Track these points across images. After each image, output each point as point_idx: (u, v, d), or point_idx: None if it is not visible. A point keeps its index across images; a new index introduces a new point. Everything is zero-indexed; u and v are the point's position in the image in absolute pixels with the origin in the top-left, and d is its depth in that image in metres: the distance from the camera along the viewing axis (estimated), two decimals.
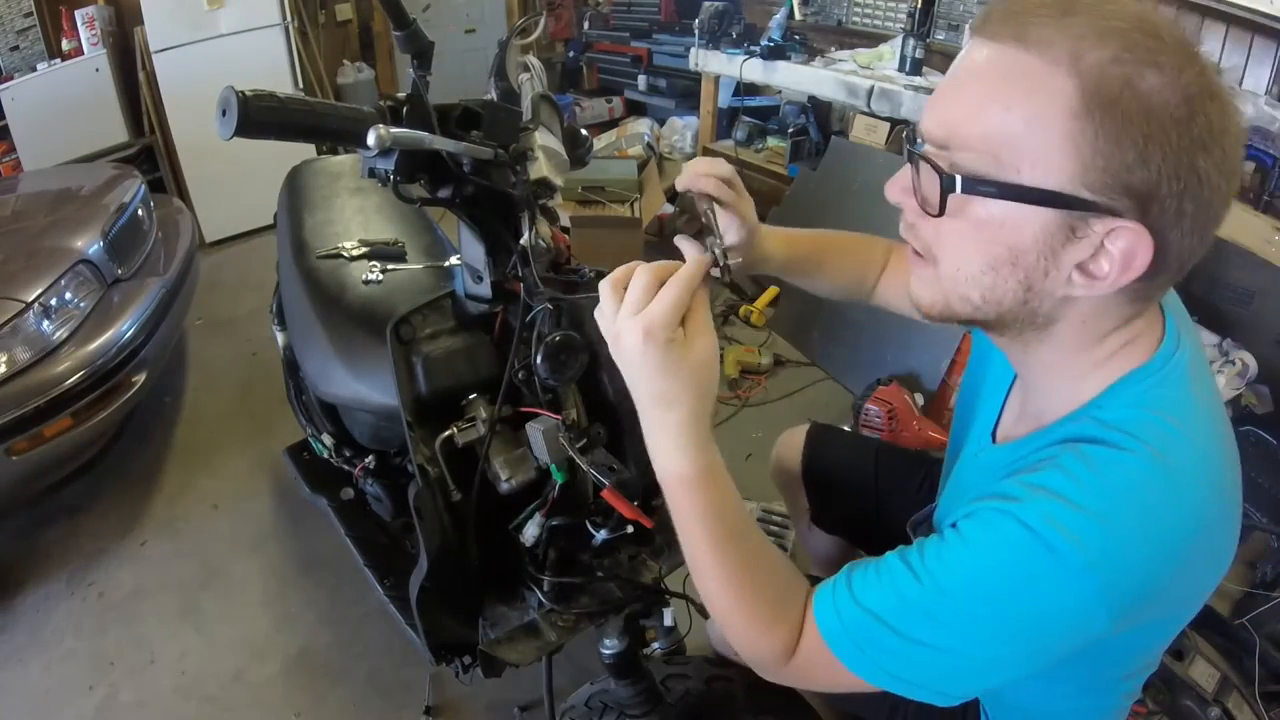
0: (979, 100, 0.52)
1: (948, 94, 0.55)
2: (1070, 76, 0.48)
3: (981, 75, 0.52)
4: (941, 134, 0.54)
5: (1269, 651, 1.53)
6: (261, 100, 0.67)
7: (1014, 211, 0.52)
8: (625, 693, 1.00)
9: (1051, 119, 0.49)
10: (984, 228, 0.54)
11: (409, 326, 0.96)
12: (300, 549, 1.91)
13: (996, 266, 0.54)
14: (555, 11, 4.64)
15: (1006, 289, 0.55)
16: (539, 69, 0.96)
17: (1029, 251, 0.53)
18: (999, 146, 0.51)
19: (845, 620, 0.61)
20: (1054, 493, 0.53)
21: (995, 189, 0.51)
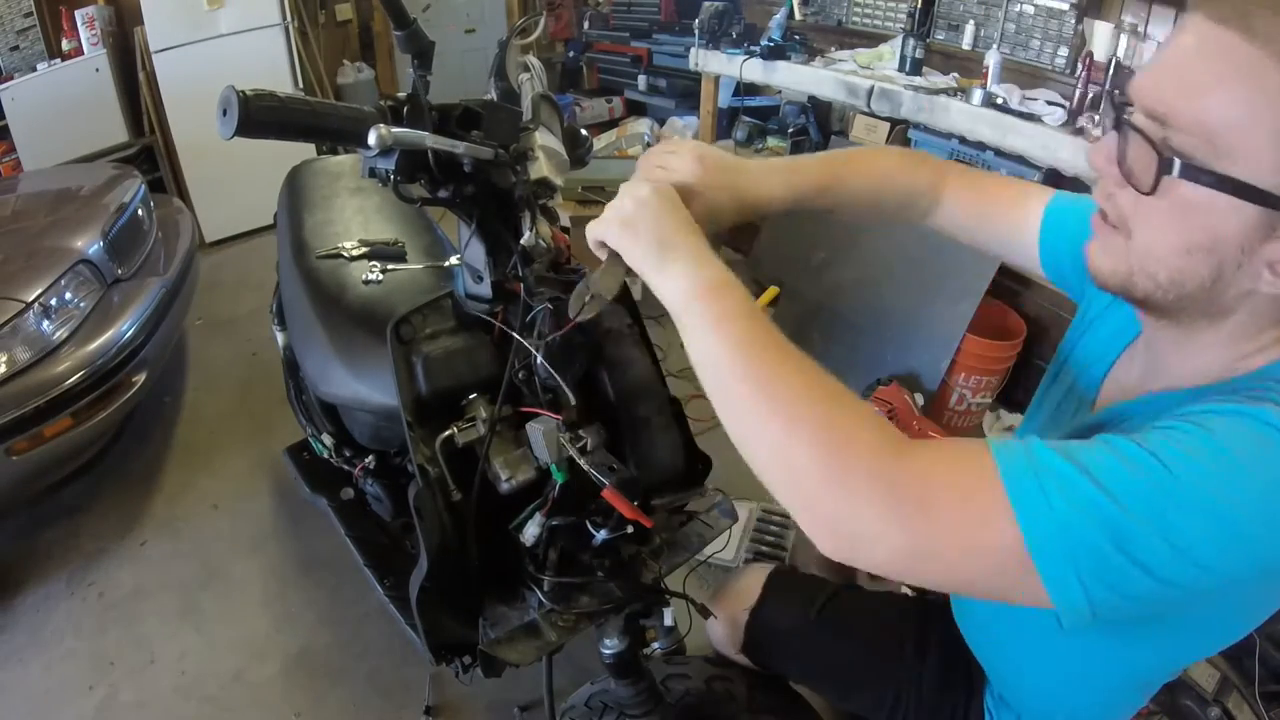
0: (1202, 83, 0.51)
1: (1168, 68, 0.53)
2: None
3: (1206, 58, 0.51)
4: (1160, 109, 0.53)
5: (1269, 651, 1.53)
6: (262, 100, 0.67)
7: (1221, 201, 0.51)
8: (625, 693, 1.00)
9: (1272, 115, 0.48)
10: (1189, 212, 0.53)
11: (409, 326, 0.96)
12: (300, 549, 1.91)
13: (1192, 250, 0.54)
14: (555, 11, 4.64)
15: (1196, 274, 0.54)
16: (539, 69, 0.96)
17: (1229, 242, 0.52)
18: (1217, 134, 0.50)
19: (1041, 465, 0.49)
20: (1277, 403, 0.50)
21: (1211, 179, 0.51)
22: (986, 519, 0.48)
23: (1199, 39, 0.51)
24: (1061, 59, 2.39)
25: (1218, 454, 0.48)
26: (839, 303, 2.64)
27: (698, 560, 1.06)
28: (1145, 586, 0.48)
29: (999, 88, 2.29)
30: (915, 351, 2.34)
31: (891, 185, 0.87)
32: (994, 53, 2.35)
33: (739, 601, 1.07)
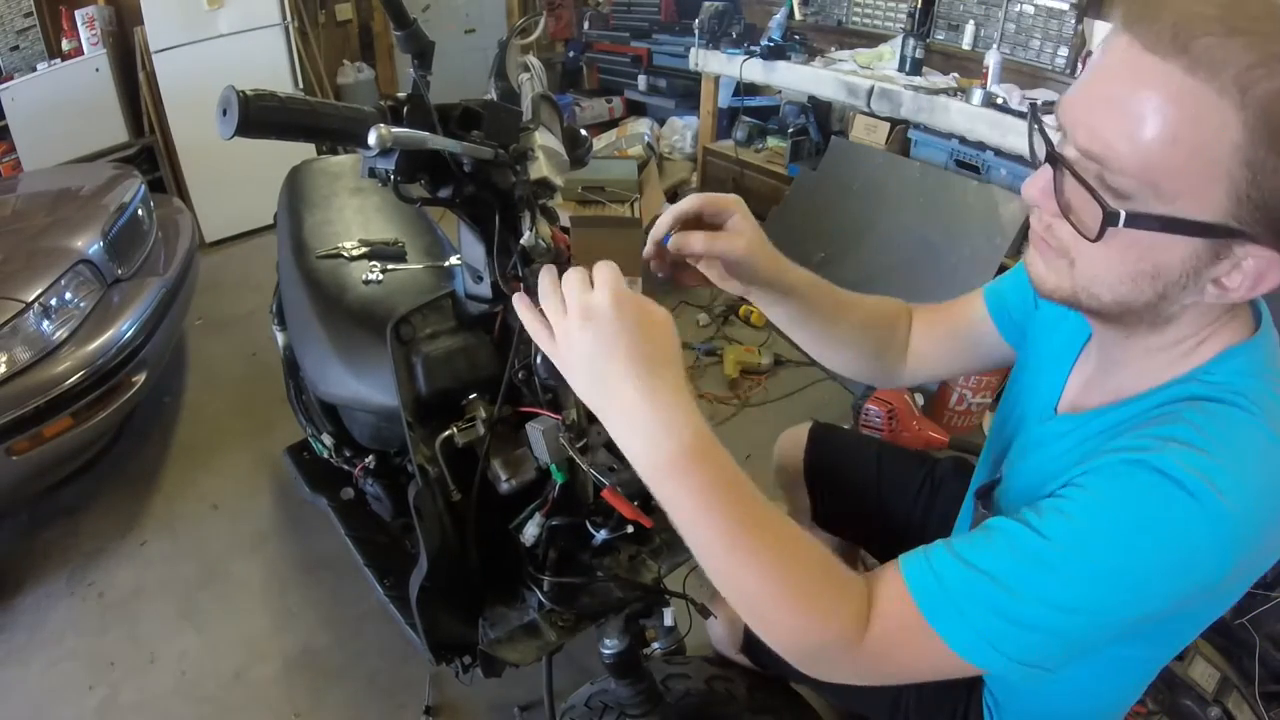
0: (1141, 123, 0.49)
1: (1101, 101, 0.52)
2: (1237, 109, 0.46)
3: (1142, 94, 0.49)
4: (1096, 148, 0.52)
5: (1269, 651, 1.53)
6: (262, 100, 0.67)
7: (1165, 239, 0.52)
8: (625, 693, 1.00)
9: (1216, 154, 0.48)
10: (1132, 249, 0.53)
11: (409, 326, 0.96)
12: (300, 549, 1.91)
13: (1137, 279, 0.55)
14: (555, 11, 4.64)
15: (1141, 296, 0.56)
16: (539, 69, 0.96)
17: (1174, 269, 0.53)
18: (1160, 177, 0.50)
19: (945, 581, 0.56)
20: (1187, 444, 0.53)
21: (1156, 223, 0.51)
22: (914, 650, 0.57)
23: (1134, 72, 0.49)
24: (1061, 59, 2.39)
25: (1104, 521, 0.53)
26: None
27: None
28: (1060, 646, 0.56)
29: (999, 88, 2.29)
30: None
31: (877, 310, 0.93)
32: (994, 53, 2.35)
33: None
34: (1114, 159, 0.51)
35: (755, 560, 0.57)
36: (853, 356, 0.92)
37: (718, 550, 0.57)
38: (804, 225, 2.88)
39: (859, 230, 2.66)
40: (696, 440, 0.56)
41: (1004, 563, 0.55)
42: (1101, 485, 0.55)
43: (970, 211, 2.32)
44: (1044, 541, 0.54)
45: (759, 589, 0.57)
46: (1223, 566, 0.53)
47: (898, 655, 0.59)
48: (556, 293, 0.59)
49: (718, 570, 0.58)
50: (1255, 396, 0.56)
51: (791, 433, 1.29)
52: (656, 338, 0.57)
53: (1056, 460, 0.62)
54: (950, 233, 2.34)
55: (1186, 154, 0.48)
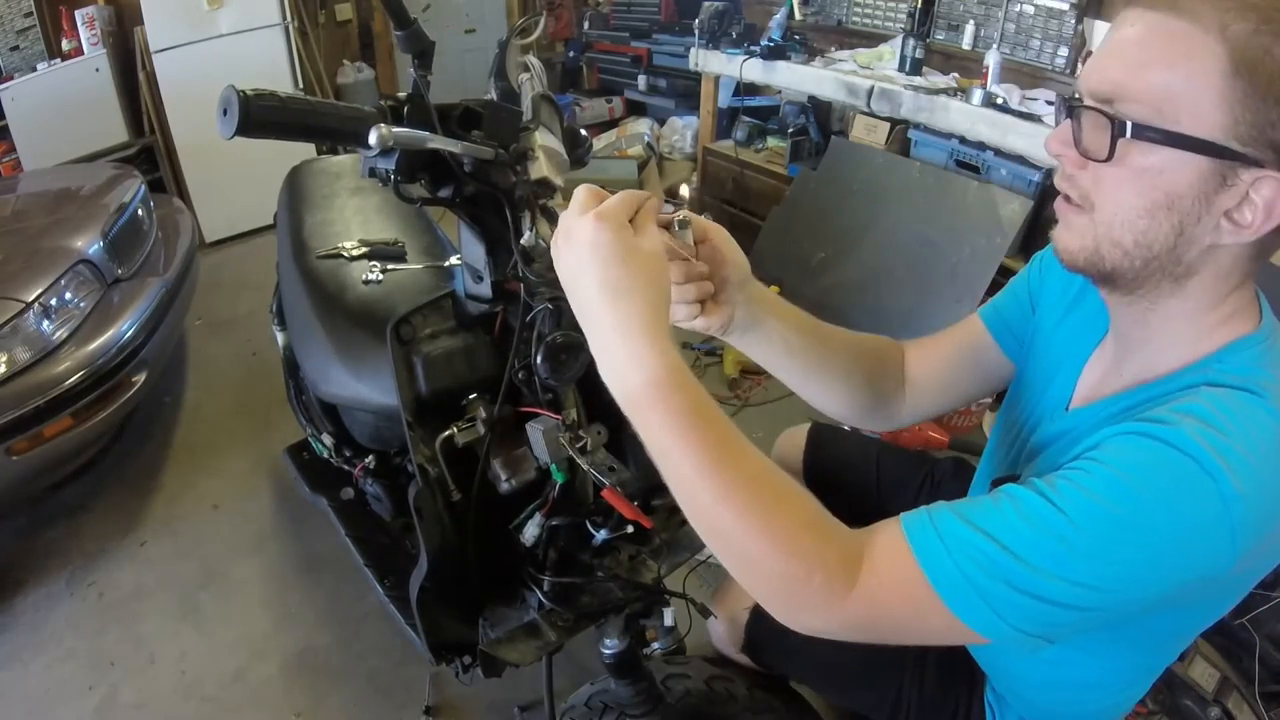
0: (1144, 59, 0.56)
1: (1111, 55, 0.59)
2: (1220, 42, 0.53)
3: (1143, 39, 0.56)
4: (1107, 89, 0.58)
5: (1269, 651, 1.53)
6: (263, 100, 0.67)
7: (1173, 159, 0.56)
8: (625, 693, 1.00)
9: (1207, 77, 0.54)
10: (1145, 174, 0.57)
11: (409, 326, 0.96)
12: (300, 549, 1.91)
13: (1153, 210, 0.58)
14: (555, 11, 4.65)
15: (1160, 232, 0.58)
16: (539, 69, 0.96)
17: (1185, 196, 0.56)
18: (1162, 100, 0.55)
19: (949, 543, 0.55)
20: (1204, 421, 0.54)
21: (1160, 135, 0.55)
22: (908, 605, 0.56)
23: (1135, 26, 0.57)
24: (1061, 59, 2.39)
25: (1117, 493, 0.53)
26: (839, 303, 2.64)
27: (698, 560, 1.06)
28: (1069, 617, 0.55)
29: (999, 88, 2.29)
30: None
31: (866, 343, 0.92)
32: (994, 53, 2.35)
33: (739, 600, 1.07)
34: (1121, 92, 0.57)
35: (732, 498, 0.54)
36: (845, 391, 0.87)
37: (692, 487, 0.55)
38: (804, 225, 2.88)
39: (859, 230, 2.65)
40: (666, 373, 0.55)
41: (1013, 529, 0.54)
42: (1115, 457, 0.55)
43: (970, 211, 2.31)
44: (1055, 510, 0.54)
45: (736, 527, 0.55)
46: (1229, 551, 0.53)
47: (890, 612, 0.57)
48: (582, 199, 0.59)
49: (694, 510, 0.56)
50: (1267, 385, 0.57)
51: (791, 433, 1.29)
52: (635, 268, 0.55)
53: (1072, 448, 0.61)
54: (950, 233, 2.34)
55: (1183, 78, 0.54)
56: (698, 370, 2.57)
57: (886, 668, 0.97)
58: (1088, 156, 0.59)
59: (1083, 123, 0.59)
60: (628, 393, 0.56)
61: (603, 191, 0.59)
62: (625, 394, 0.56)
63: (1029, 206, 2.19)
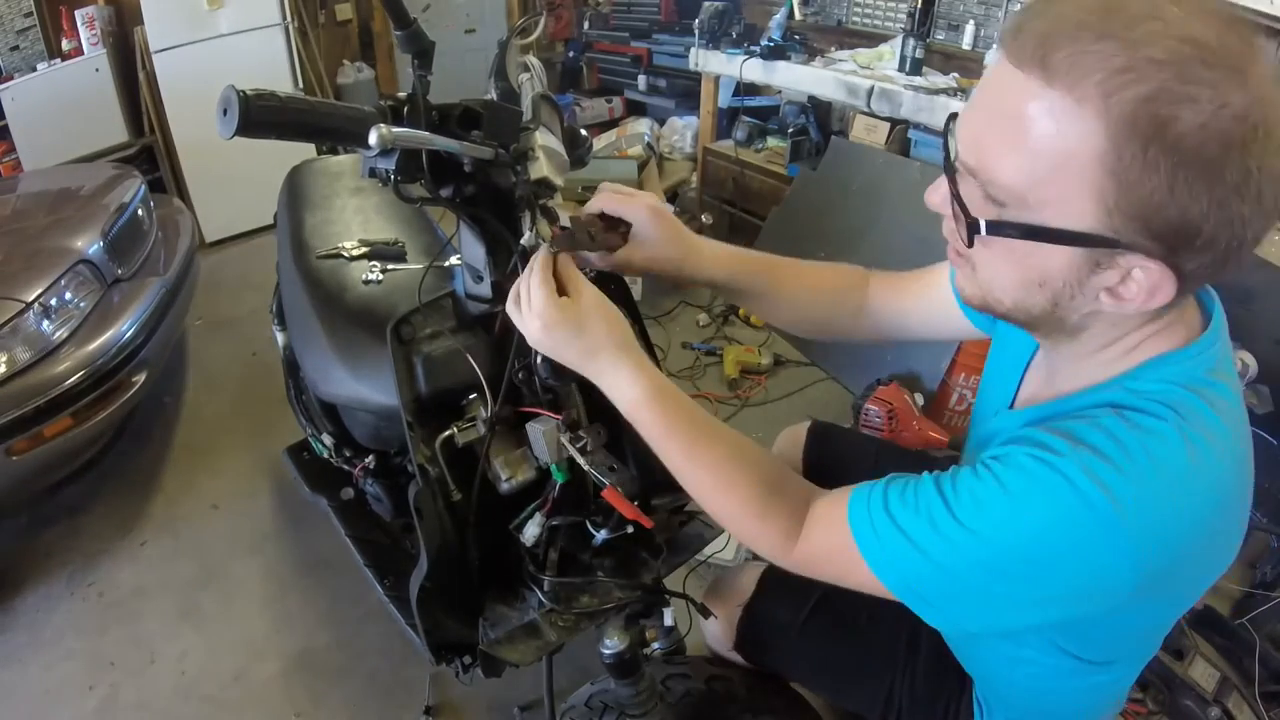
0: (1006, 138, 0.51)
1: (978, 116, 0.54)
2: (1098, 118, 0.46)
3: (1009, 109, 0.51)
4: (972, 161, 0.54)
5: (1269, 651, 1.53)
6: (262, 99, 0.67)
7: (1041, 247, 0.53)
8: (625, 693, 1.00)
9: (1078, 165, 0.48)
10: (1013, 254, 0.55)
11: (409, 326, 0.96)
12: (300, 549, 1.91)
13: (1026, 286, 0.57)
14: (555, 11, 4.64)
15: (1035, 303, 0.58)
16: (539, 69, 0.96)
17: (1056, 279, 0.54)
18: (1026, 189, 0.51)
19: (878, 528, 0.63)
20: (1095, 450, 0.54)
21: (1018, 231, 0.52)
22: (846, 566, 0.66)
23: (1004, 86, 0.51)
24: None
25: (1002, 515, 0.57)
26: None
27: (698, 560, 1.06)
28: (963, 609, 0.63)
29: None
30: (915, 351, 2.34)
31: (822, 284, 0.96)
32: (994, 52, 2.35)
33: (733, 599, 1.08)
34: (986, 171, 0.52)
35: (709, 477, 0.72)
36: (798, 320, 0.98)
37: (680, 467, 0.73)
38: (804, 225, 2.88)
39: (859, 230, 2.65)
40: (645, 390, 0.72)
41: (917, 526, 0.61)
42: (1009, 477, 0.57)
43: None
44: (950, 517, 0.59)
45: (713, 493, 0.73)
46: (1123, 579, 0.55)
47: (826, 568, 0.70)
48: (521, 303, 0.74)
49: (685, 483, 0.73)
50: (1175, 403, 0.56)
51: (791, 431, 1.29)
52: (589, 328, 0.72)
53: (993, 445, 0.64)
54: None
55: (1049, 165, 0.49)
56: (698, 369, 2.58)
57: (877, 666, 0.98)
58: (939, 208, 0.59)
59: (956, 185, 0.56)
60: (624, 407, 0.74)
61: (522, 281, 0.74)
62: (623, 408, 0.74)
63: None
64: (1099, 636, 0.69)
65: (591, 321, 0.72)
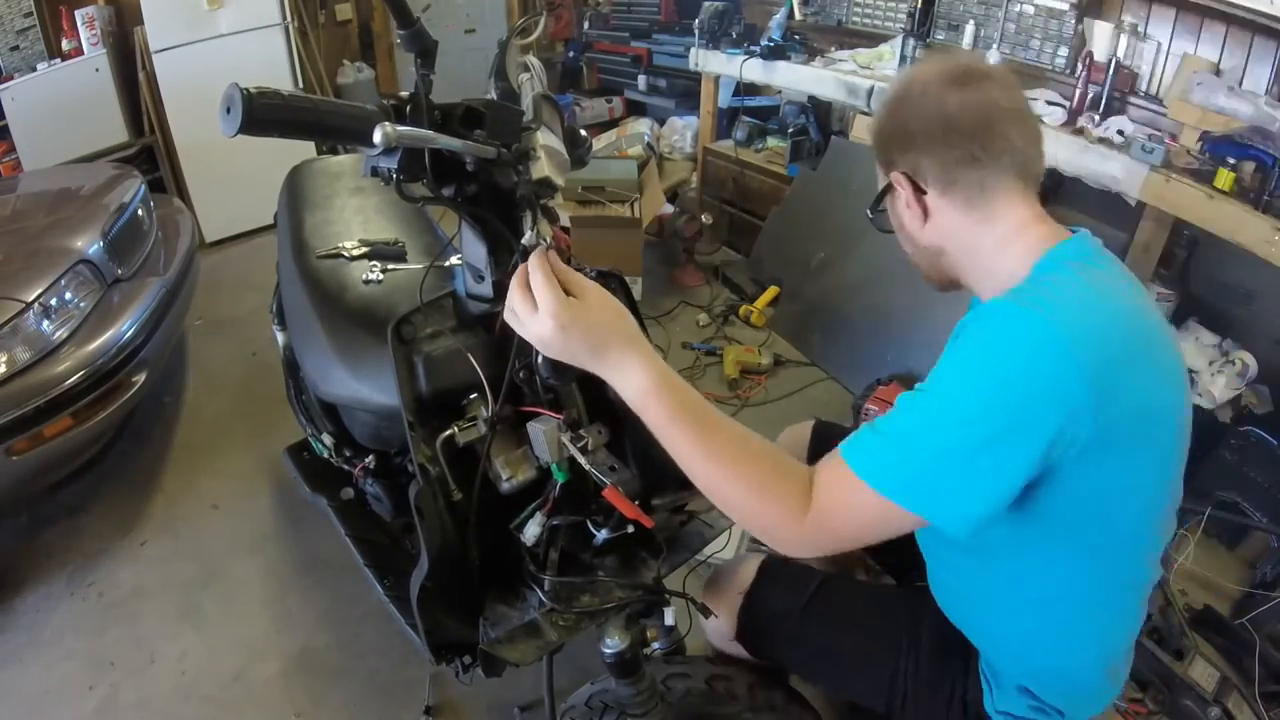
0: None
1: None
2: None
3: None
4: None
5: (1269, 651, 1.53)
6: (266, 97, 0.67)
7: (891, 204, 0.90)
8: (626, 692, 1.00)
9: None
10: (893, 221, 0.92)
11: (410, 326, 0.96)
12: (300, 549, 1.91)
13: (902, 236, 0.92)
14: (555, 11, 4.64)
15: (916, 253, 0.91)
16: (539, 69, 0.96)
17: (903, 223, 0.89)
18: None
19: (869, 446, 0.72)
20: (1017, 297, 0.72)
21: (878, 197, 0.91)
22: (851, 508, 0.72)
23: None
24: (1061, 59, 2.39)
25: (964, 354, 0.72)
26: (839, 303, 2.64)
27: (698, 560, 1.06)
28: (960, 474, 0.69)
29: None
30: (915, 351, 2.34)
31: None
32: (994, 53, 2.35)
33: (733, 589, 1.08)
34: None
35: (716, 461, 0.74)
36: None
37: (687, 457, 0.74)
38: (804, 225, 2.88)
39: (859, 230, 2.65)
40: (653, 381, 0.74)
41: (898, 422, 0.72)
42: (957, 346, 0.73)
43: None
44: (921, 396, 0.72)
45: (719, 481, 0.75)
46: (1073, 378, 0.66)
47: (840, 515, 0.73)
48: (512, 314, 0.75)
49: (691, 473, 0.75)
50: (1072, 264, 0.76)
51: (794, 429, 1.30)
52: (597, 324, 0.73)
53: None
54: None
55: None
56: (698, 369, 2.58)
57: (880, 652, 0.98)
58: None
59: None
60: (631, 400, 0.75)
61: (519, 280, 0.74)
62: (630, 400, 0.75)
63: None
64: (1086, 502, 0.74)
65: (600, 315, 0.73)
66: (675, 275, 3.17)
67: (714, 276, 3.19)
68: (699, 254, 3.19)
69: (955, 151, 0.78)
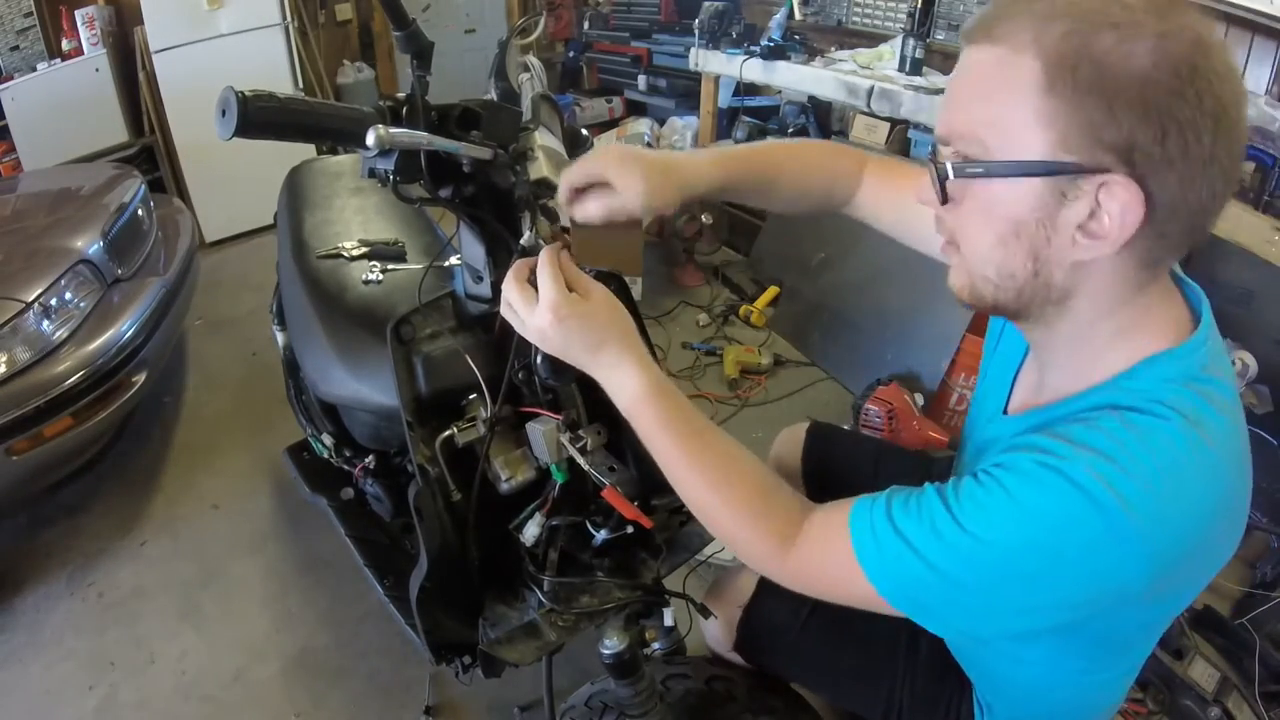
0: (963, 96, 0.59)
1: (945, 99, 0.62)
2: (1034, 58, 0.53)
3: (963, 74, 0.59)
4: (943, 132, 0.60)
5: (1269, 651, 1.53)
6: (261, 100, 0.67)
7: (1007, 187, 0.56)
8: (625, 693, 1.00)
9: (1022, 98, 0.54)
10: (986, 207, 0.59)
11: (409, 326, 0.96)
12: (300, 549, 1.91)
13: (1004, 240, 0.58)
14: (555, 11, 4.64)
15: (1016, 260, 0.59)
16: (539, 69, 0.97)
17: (1028, 221, 0.56)
18: (984, 132, 0.56)
19: (879, 535, 0.62)
20: (1099, 452, 0.55)
21: (981, 168, 0.57)
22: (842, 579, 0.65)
23: (962, 63, 0.59)
24: None
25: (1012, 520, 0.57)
26: (839, 303, 2.64)
27: (698, 560, 1.06)
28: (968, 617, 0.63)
29: None
30: (915, 351, 2.34)
31: (815, 171, 0.94)
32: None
33: (733, 599, 1.08)
34: (953, 133, 0.59)
35: (703, 477, 0.70)
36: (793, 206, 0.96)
37: (674, 467, 0.71)
38: (804, 225, 2.88)
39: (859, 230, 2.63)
40: (646, 388, 0.71)
41: (920, 532, 0.60)
42: (1013, 483, 0.57)
43: None
44: (954, 523, 0.58)
45: (703, 497, 0.71)
46: (1135, 576, 0.56)
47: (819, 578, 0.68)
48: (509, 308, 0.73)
49: (676, 485, 0.72)
50: (1175, 401, 0.57)
51: (789, 432, 1.29)
52: (598, 322, 0.71)
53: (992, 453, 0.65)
54: None
55: (999, 105, 0.55)
56: (698, 369, 2.58)
57: (878, 667, 0.98)
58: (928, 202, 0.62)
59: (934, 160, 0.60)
60: (623, 405, 0.72)
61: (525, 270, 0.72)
62: (622, 404, 0.73)
63: None
64: (1103, 635, 0.69)
65: (601, 314, 0.71)
66: (675, 275, 3.17)
67: (714, 276, 3.19)
68: (699, 254, 3.19)
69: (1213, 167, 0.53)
